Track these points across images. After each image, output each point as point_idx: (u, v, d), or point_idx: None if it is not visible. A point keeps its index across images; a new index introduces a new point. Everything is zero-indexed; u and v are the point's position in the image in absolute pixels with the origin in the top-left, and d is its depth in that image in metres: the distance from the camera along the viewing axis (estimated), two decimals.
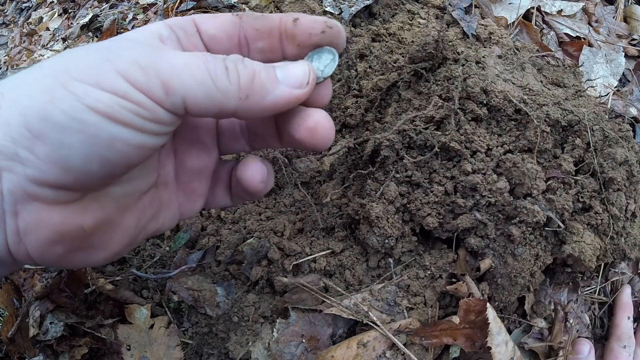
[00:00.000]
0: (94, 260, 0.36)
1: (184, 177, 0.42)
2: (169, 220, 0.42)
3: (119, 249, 0.37)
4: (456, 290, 0.64)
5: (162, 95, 0.30)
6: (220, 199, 0.45)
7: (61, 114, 0.28)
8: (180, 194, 0.42)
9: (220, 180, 0.44)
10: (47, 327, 0.68)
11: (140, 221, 0.38)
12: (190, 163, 0.42)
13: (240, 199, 0.45)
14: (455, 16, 0.99)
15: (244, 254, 0.72)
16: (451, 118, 0.64)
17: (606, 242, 0.67)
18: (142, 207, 0.37)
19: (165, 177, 0.40)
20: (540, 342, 0.71)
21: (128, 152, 0.31)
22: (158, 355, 0.69)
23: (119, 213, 0.35)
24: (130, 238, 0.37)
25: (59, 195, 0.31)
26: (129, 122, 0.30)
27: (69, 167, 0.29)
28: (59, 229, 0.31)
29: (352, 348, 0.62)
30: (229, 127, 0.43)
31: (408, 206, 0.66)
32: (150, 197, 0.38)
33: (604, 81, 1.04)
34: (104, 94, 0.29)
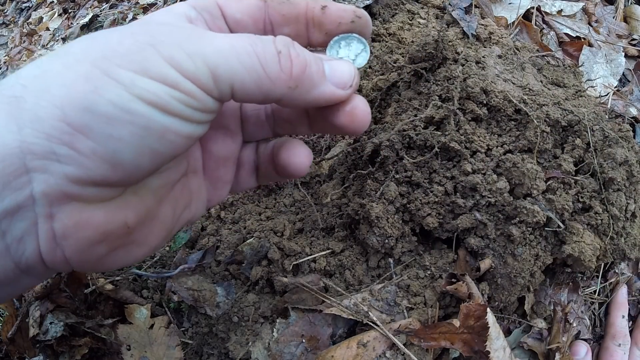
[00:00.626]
0: (134, 257, 0.34)
1: (210, 164, 0.41)
2: (200, 208, 0.41)
3: (158, 242, 0.36)
4: (456, 290, 0.64)
5: (211, 83, 0.29)
6: (244, 182, 0.44)
7: (108, 105, 0.26)
8: (207, 181, 0.41)
9: (245, 164, 0.43)
10: (47, 327, 0.68)
11: (176, 211, 0.37)
12: (216, 150, 0.41)
13: (271, 179, 0.44)
14: (455, 16, 0.99)
15: (244, 254, 0.72)
16: (451, 118, 0.64)
17: (606, 242, 0.67)
18: (175, 197, 0.37)
19: (194, 165, 0.39)
20: (539, 342, 0.71)
21: (178, 142, 0.29)
22: (158, 355, 0.69)
23: (157, 205, 0.34)
24: (167, 230, 0.36)
25: (103, 192, 0.29)
26: (180, 113, 0.29)
27: (118, 162, 0.27)
28: (103, 229, 0.30)
29: (352, 348, 0.62)
30: (254, 112, 0.42)
31: (408, 206, 0.66)
32: (182, 187, 0.38)
33: (604, 81, 1.04)
34: (153, 83, 0.27)
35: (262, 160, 0.43)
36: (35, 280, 0.31)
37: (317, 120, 0.40)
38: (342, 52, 0.37)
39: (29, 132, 0.26)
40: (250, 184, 0.44)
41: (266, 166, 0.42)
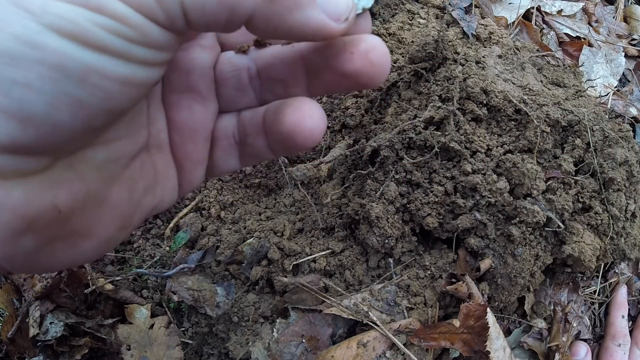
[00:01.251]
0: (80, 252, 0.27)
1: (175, 139, 0.32)
2: (168, 193, 0.33)
3: (110, 233, 0.28)
4: (456, 291, 0.64)
5: (152, 1, 0.22)
6: (223, 163, 0.35)
7: (13, 41, 0.20)
8: (175, 161, 0.33)
9: (221, 139, 0.34)
10: (47, 327, 0.68)
11: (133, 195, 0.29)
12: (182, 119, 0.32)
13: (260, 158, 0.34)
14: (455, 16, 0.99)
15: (244, 254, 0.72)
16: (450, 119, 0.64)
17: (606, 242, 0.67)
18: (132, 177, 0.29)
19: (157, 138, 0.31)
20: (539, 342, 0.71)
21: (109, 89, 0.22)
22: (158, 355, 0.69)
23: (104, 185, 0.27)
24: (123, 218, 0.29)
25: (17, 163, 0.22)
26: (108, 46, 0.22)
27: (28, 117, 0.21)
28: (24, 213, 0.23)
29: (352, 348, 0.62)
30: (232, 73, 0.33)
31: (408, 206, 0.67)
32: (141, 164, 0.30)
33: (604, 81, 1.04)
34: (69, 6, 0.21)
35: (248, 132, 0.33)
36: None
37: (319, 72, 0.30)
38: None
39: None
40: (230, 165, 0.35)
41: (254, 140, 0.33)
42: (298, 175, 0.79)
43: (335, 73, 0.29)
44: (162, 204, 0.33)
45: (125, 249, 0.78)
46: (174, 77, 0.31)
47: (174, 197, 0.33)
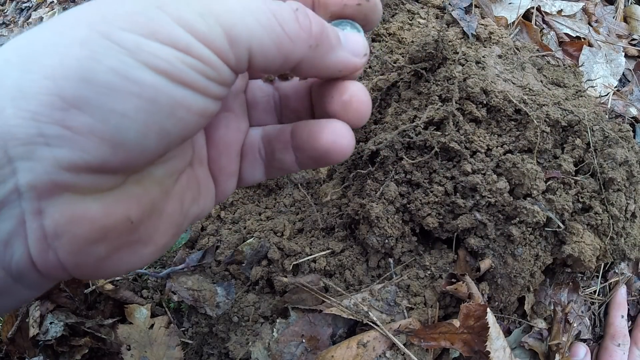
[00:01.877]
0: (140, 258, 0.30)
1: (211, 154, 0.36)
2: (209, 203, 0.36)
3: (167, 240, 0.31)
4: (456, 291, 0.64)
5: (227, 46, 0.25)
6: (249, 175, 0.38)
7: (110, 73, 0.22)
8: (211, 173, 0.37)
9: (248, 154, 0.38)
10: (47, 327, 0.68)
11: (184, 206, 0.33)
12: (218, 136, 0.36)
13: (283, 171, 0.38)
14: (455, 16, 0.99)
15: (244, 254, 0.72)
16: (450, 119, 0.64)
17: (606, 242, 0.67)
18: (181, 189, 0.33)
19: (199, 154, 0.35)
20: (540, 342, 0.71)
21: (188, 120, 0.25)
22: (158, 355, 0.69)
23: (163, 197, 0.30)
24: (176, 226, 0.32)
25: (101, 181, 0.24)
26: (194, 83, 0.25)
27: (121, 143, 0.23)
28: (102, 224, 0.25)
29: (352, 348, 0.62)
30: (263, 98, 0.38)
31: (408, 206, 0.66)
32: (188, 178, 0.33)
33: (604, 81, 1.04)
34: (162, 47, 0.23)
35: (275, 148, 0.37)
36: (32, 291, 0.27)
37: (317, 109, 0.37)
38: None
39: (10, 112, 0.21)
40: (256, 177, 0.39)
41: (282, 156, 0.37)
42: (297, 178, 0.80)
43: (324, 111, 0.34)
44: (203, 213, 0.36)
45: None
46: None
47: (212, 205, 0.37)
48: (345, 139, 0.32)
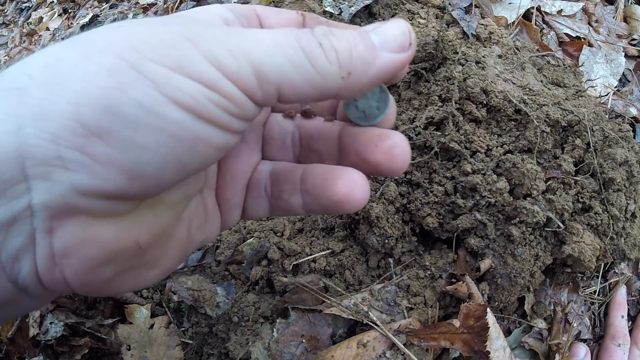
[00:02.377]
0: (144, 280, 0.30)
1: (218, 183, 0.35)
2: (214, 229, 0.36)
3: (171, 264, 0.31)
4: (456, 291, 0.64)
5: (255, 84, 0.25)
6: (253, 211, 0.37)
7: (135, 106, 0.22)
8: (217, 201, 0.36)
9: (254, 189, 0.36)
10: (47, 327, 0.68)
11: (191, 231, 0.32)
12: (226, 165, 0.35)
13: (290, 212, 0.36)
14: (455, 16, 0.99)
15: (244, 254, 0.72)
16: (449, 120, 0.64)
17: (606, 242, 0.67)
18: (190, 215, 0.32)
19: (210, 180, 0.34)
20: (540, 342, 0.71)
21: (207, 155, 0.25)
22: (158, 355, 0.69)
23: (173, 223, 0.30)
24: (182, 251, 0.32)
25: (114, 207, 0.24)
26: (217, 119, 0.24)
27: (139, 174, 0.23)
28: (111, 248, 0.25)
29: (352, 348, 0.62)
30: (279, 135, 0.37)
31: (408, 206, 0.66)
32: (197, 203, 0.33)
33: (604, 81, 1.04)
34: (190, 82, 0.23)
35: (283, 189, 0.35)
36: (36, 302, 0.27)
37: (348, 154, 0.34)
38: (361, 104, 0.33)
39: (30, 132, 0.21)
40: (259, 213, 0.37)
41: (289, 197, 0.35)
42: None
43: (360, 159, 0.32)
44: (208, 239, 0.36)
45: None
46: None
47: (217, 232, 0.37)
48: (361, 191, 0.31)
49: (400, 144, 0.32)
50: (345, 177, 0.31)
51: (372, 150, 0.32)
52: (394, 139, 0.32)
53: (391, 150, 0.31)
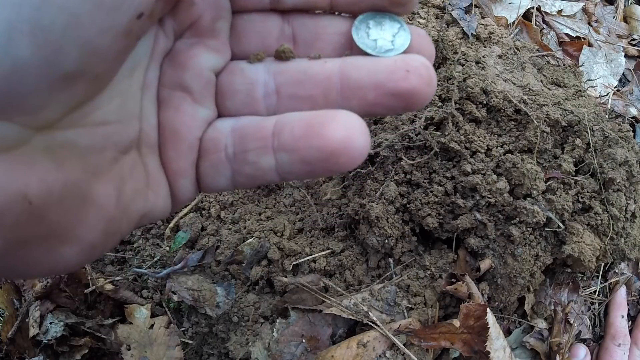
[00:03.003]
0: (60, 258, 0.23)
1: (159, 141, 0.29)
2: (161, 201, 0.28)
3: (94, 237, 0.24)
4: (456, 291, 0.64)
5: None
6: (212, 181, 0.29)
7: None
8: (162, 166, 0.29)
9: (211, 152, 0.29)
10: (47, 327, 0.68)
11: (121, 197, 0.25)
12: (165, 118, 0.28)
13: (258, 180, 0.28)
14: (455, 16, 0.99)
15: (244, 254, 0.72)
16: (449, 120, 0.64)
17: (606, 242, 0.67)
18: (120, 175, 0.25)
19: (149, 136, 0.28)
20: (541, 342, 0.71)
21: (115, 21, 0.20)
22: (158, 355, 0.69)
23: (86, 178, 0.23)
24: (108, 221, 0.24)
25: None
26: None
27: (40, 33, 0.18)
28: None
29: (352, 348, 0.62)
30: (243, 86, 0.29)
31: (408, 206, 0.67)
32: (132, 162, 0.26)
33: (604, 81, 1.04)
34: None
35: (250, 148, 0.27)
36: None
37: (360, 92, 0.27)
38: (374, 32, 0.28)
39: None
40: (219, 184, 0.29)
41: (258, 159, 0.27)
42: (296, 181, 0.79)
43: (384, 92, 0.26)
44: (153, 213, 0.28)
45: (125, 249, 0.78)
46: (169, 72, 0.28)
47: (167, 206, 0.29)
48: (362, 136, 0.24)
49: (429, 65, 0.26)
50: (340, 119, 0.25)
51: (403, 76, 0.26)
52: (423, 60, 0.26)
53: (428, 72, 0.26)
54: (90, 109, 0.23)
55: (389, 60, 0.26)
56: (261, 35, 0.29)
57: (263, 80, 0.29)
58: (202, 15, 0.27)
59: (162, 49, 0.28)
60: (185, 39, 0.28)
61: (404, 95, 0.26)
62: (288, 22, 0.29)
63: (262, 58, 0.29)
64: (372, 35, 0.28)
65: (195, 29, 0.27)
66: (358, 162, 0.25)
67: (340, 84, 0.27)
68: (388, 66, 0.26)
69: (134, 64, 0.25)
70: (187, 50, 0.28)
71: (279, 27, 0.29)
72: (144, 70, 0.27)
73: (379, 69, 0.26)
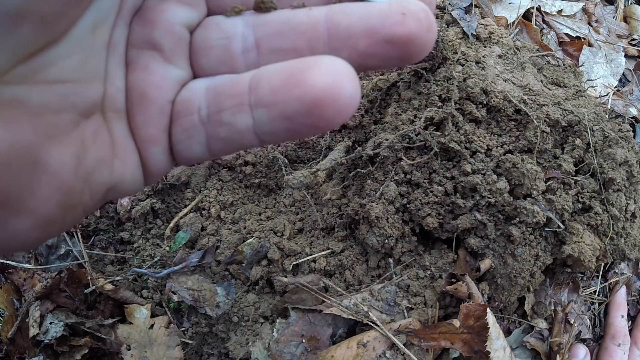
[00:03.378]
0: (12, 233, 0.21)
1: (127, 106, 0.26)
2: (129, 172, 0.26)
3: (50, 210, 0.21)
4: (456, 291, 0.64)
5: None
6: (185, 148, 0.26)
7: None
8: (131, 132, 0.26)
9: (183, 115, 0.26)
10: (47, 327, 0.68)
11: (82, 164, 0.22)
12: (133, 79, 0.25)
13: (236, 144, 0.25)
14: (455, 16, 0.99)
15: (244, 254, 0.72)
16: (448, 120, 0.64)
17: (606, 242, 0.67)
18: (81, 140, 0.23)
19: (115, 100, 0.25)
20: (541, 342, 0.71)
21: None
22: (158, 355, 0.69)
23: (38, 140, 0.20)
24: (66, 191, 0.22)
25: None
26: None
27: None
28: None
29: (352, 348, 0.62)
30: (219, 42, 0.26)
31: (408, 206, 0.67)
32: (95, 128, 0.24)
33: (604, 81, 1.04)
34: None
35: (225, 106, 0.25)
36: None
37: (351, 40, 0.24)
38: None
39: None
40: (194, 152, 0.26)
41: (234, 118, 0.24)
42: (295, 184, 0.79)
43: (378, 39, 0.23)
44: (122, 185, 0.26)
45: (125, 249, 0.78)
46: (138, 29, 0.25)
47: (138, 179, 0.27)
48: (350, 82, 0.21)
49: (427, 8, 0.23)
50: (323, 63, 0.22)
51: (398, 20, 0.22)
52: (418, 2, 0.23)
53: (427, 16, 0.23)
54: (43, 63, 0.21)
55: (383, 4, 0.23)
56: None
57: (241, 33, 0.26)
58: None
59: (131, 5, 0.25)
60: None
61: (401, 42, 0.23)
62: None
63: (240, 11, 0.26)
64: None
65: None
66: (346, 114, 0.22)
67: (328, 33, 0.24)
68: (382, 10, 0.23)
69: (97, 20, 0.23)
70: (157, 4, 0.25)
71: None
72: (110, 27, 0.24)
73: (371, 13, 0.23)
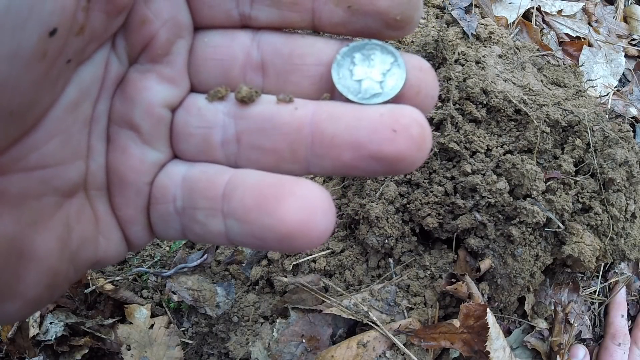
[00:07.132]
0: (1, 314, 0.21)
1: (108, 186, 0.25)
2: (113, 247, 0.25)
3: (38, 292, 0.22)
4: (456, 291, 0.64)
5: None
6: (163, 232, 0.26)
7: None
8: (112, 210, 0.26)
9: (160, 202, 0.25)
10: (47, 327, 0.68)
11: (67, 247, 0.22)
12: (111, 161, 0.24)
13: (210, 242, 0.25)
14: (455, 16, 0.99)
15: (244, 254, 0.72)
16: (447, 121, 0.64)
17: (606, 242, 0.67)
18: (65, 222, 0.22)
19: (96, 177, 0.24)
20: (542, 342, 0.71)
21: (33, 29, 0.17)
22: (158, 355, 0.69)
23: (23, 230, 0.20)
24: (53, 275, 0.22)
25: None
26: None
27: None
28: None
29: (352, 348, 0.62)
30: (199, 130, 0.25)
31: (408, 206, 0.67)
32: (78, 207, 0.23)
33: (604, 81, 1.04)
34: None
35: (199, 206, 0.24)
36: None
37: (335, 150, 0.23)
38: (359, 70, 0.23)
39: None
40: (170, 233, 0.26)
41: (207, 220, 0.24)
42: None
43: (363, 154, 0.21)
44: (106, 259, 0.25)
45: None
46: (118, 105, 0.24)
47: (122, 251, 0.26)
48: (324, 216, 0.21)
49: (421, 121, 0.21)
50: (299, 194, 0.21)
51: (390, 138, 0.21)
52: (412, 115, 0.21)
53: (421, 131, 0.21)
54: (21, 151, 0.20)
55: (374, 113, 0.22)
56: (224, 65, 0.24)
57: (222, 124, 0.24)
58: (157, 34, 0.23)
59: (114, 76, 0.23)
60: (139, 64, 0.24)
61: (388, 161, 0.21)
62: (258, 45, 0.24)
63: (223, 96, 0.24)
64: (357, 74, 0.23)
65: (148, 51, 0.23)
66: (318, 244, 0.21)
67: (312, 139, 0.23)
68: (372, 121, 0.21)
69: (78, 96, 0.22)
70: (138, 80, 0.24)
71: (245, 52, 0.24)
72: (93, 102, 0.23)
73: (360, 124, 0.21)
